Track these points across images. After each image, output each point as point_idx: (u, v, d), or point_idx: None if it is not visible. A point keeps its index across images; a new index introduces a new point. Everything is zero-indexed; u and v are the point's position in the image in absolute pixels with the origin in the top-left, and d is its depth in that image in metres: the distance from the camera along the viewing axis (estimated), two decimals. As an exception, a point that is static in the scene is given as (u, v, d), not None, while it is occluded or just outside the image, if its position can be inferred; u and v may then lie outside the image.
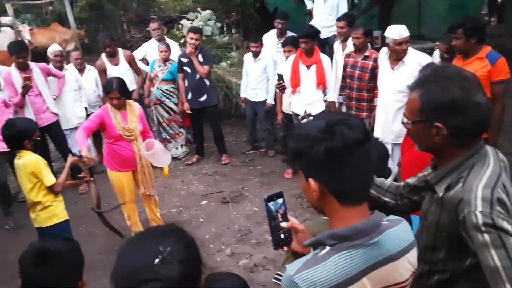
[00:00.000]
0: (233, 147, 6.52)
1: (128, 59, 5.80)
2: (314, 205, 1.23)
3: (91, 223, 4.71)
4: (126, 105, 3.85)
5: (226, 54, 7.59)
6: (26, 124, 3.25)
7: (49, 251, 1.53)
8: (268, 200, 1.39)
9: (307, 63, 4.71)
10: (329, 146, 1.08)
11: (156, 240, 1.06)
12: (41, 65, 5.23)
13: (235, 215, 4.67)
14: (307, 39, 4.62)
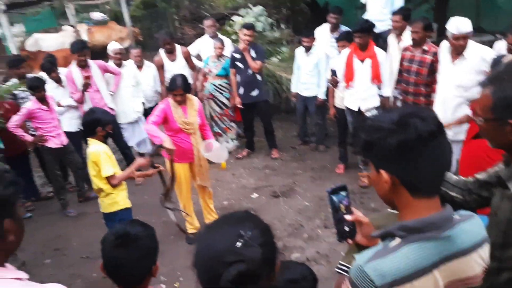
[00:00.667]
0: (283, 142, 6.56)
1: (185, 55, 5.97)
2: (384, 197, 1.23)
3: (146, 213, 4.91)
4: (186, 100, 3.98)
5: (277, 49, 7.62)
6: (102, 114, 3.46)
7: (128, 234, 1.64)
8: (332, 193, 1.42)
9: (361, 57, 4.65)
10: (402, 138, 1.09)
11: (236, 224, 1.11)
12: (99, 63, 5.50)
13: (286, 209, 4.71)
14: (362, 33, 4.55)
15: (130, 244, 1.62)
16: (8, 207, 1.17)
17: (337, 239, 1.46)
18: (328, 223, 4.32)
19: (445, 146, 1.14)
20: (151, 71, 6.12)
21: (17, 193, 1.21)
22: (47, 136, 4.73)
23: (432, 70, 4.29)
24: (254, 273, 1.04)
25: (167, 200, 4.00)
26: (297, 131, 6.62)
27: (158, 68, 5.98)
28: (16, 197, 1.21)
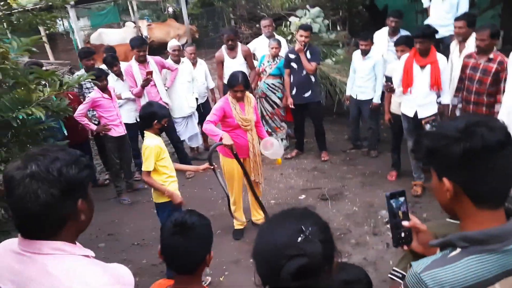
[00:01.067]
0: (333, 145, 6.49)
1: (245, 54, 6.01)
2: (445, 206, 1.22)
3: (195, 206, 5.01)
4: (244, 97, 4.06)
5: (332, 51, 7.55)
6: (159, 108, 3.58)
7: (186, 223, 1.71)
8: (390, 197, 1.41)
9: (421, 63, 4.50)
10: (467, 147, 1.07)
11: (297, 220, 1.13)
12: (156, 59, 5.70)
13: (334, 212, 4.66)
14: (424, 39, 4.39)
15: (187, 232, 1.70)
16: (82, 188, 1.26)
17: (393, 245, 1.45)
18: (377, 230, 4.24)
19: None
20: (203, 68, 6.27)
21: (90, 176, 1.30)
22: (110, 125, 4.98)
23: (497, 79, 4.09)
24: (314, 268, 1.06)
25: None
26: (349, 134, 6.53)
27: (217, 63, 6.07)
28: (89, 180, 1.30)
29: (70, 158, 1.22)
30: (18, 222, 1.21)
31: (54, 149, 1.23)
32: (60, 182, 1.17)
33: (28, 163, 1.17)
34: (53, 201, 1.16)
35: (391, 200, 1.42)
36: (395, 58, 5.40)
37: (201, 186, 5.62)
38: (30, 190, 1.14)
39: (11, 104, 1.94)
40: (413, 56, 4.55)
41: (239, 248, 4.23)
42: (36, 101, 2.12)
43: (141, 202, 5.28)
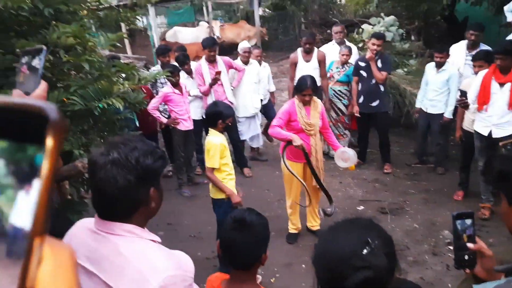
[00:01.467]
0: (398, 157, 6.30)
1: (320, 59, 5.93)
2: None
3: (253, 205, 5.03)
4: (312, 101, 4.06)
5: (404, 61, 7.35)
6: (224, 108, 3.68)
7: (244, 220, 1.76)
8: (456, 218, 1.37)
9: (501, 80, 4.24)
10: None
11: (362, 231, 1.13)
12: (225, 59, 5.87)
13: (393, 227, 4.53)
14: (505, 55, 4.14)
15: (245, 229, 1.74)
16: (155, 177, 1.35)
17: (455, 267, 1.41)
18: (437, 250, 4.07)
19: None
20: (266, 71, 6.36)
21: (163, 166, 1.38)
22: (179, 119, 5.19)
23: None
24: (378, 281, 1.06)
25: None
26: (415, 148, 6.31)
27: (291, 64, 6.07)
28: (162, 170, 1.38)
29: (147, 148, 1.31)
30: (97, 203, 1.33)
31: (134, 139, 1.33)
32: (136, 169, 1.26)
33: (111, 150, 1.27)
34: (129, 186, 1.26)
35: (457, 221, 1.38)
36: (472, 73, 5.15)
37: (259, 187, 5.68)
38: (110, 174, 1.25)
39: (94, 94, 2.09)
40: (493, 73, 4.31)
41: (292, 252, 4.24)
42: (116, 93, 2.26)
43: (200, 196, 5.43)
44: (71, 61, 2.12)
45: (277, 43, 15.85)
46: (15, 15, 2.03)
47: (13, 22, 2.08)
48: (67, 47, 2.17)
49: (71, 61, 2.12)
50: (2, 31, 2.08)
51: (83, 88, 2.10)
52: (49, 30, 2.07)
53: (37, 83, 1.23)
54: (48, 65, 2.05)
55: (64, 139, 0.42)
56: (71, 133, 2.11)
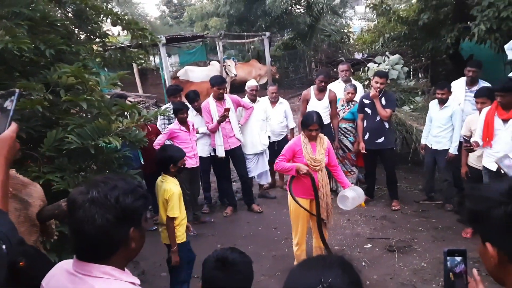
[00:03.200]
0: (406, 194, 6.23)
1: (331, 99, 5.98)
2: (491, 273, 1.15)
3: (260, 244, 5.06)
4: (318, 137, 4.10)
5: (410, 98, 7.39)
6: (174, 151, 3.69)
7: (227, 259, 1.76)
8: (448, 254, 1.34)
9: (503, 116, 4.26)
10: (509, 211, 1.02)
11: (322, 269, 1.11)
12: (233, 97, 5.96)
13: (400, 266, 4.42)
14: (504, 92, 4.18)
15: (228, 268, 1.73)
16: (136, 217, 1.34)
17: None
18: (445, 290, 3.94)
19: None
20: (283, 107, 6.38)
21: (145, 205, 1.38)
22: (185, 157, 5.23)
23: None
24: None
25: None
26: (423, 185, 6.23)
27: (303, 101, 6.13)
28: (144, 209, 1.38)
29: (128, 187, 1.31)
30: (75, 243, 1.31)
31: (115, 178, 1.33)
32: (115, 208, 1.26)
33: (91, 189, 1.28)
34: (108, 226, 1.25)
35: (448, 257, 1.35)
36: (473, 109, 5.18)
37: (266, 225, 5.64)
38: (88, 214, 1.24)
39: (92, 133, 2.16)
40: (495, 109, 4.33)
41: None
42: (114, 131, 2.33)
43: (206, 236, 5.39)
44: (70, 100, 2.20)
45: (287, 81, 16.11)
46: (19, 56, 2.14)
47: (16, 63, 2.19)
48: (68, 86, 2.27)
49: (70, 100, 2.20)
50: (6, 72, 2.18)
51: (80, 126, 2.17)
52: (50, 70, 2.17)
53: (7, 124, 1.26)
54: (48, 105, 2.13)
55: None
56: (68, 172, 2.16)
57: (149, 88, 12.41)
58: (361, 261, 4.56)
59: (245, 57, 17.24)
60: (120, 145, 2.37)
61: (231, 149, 5.80)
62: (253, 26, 16.27)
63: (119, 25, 3.14)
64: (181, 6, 27.50)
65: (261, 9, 15.83)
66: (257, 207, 6.05)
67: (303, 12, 17.06)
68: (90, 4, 2.85)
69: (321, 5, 16.28)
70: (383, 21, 10.93)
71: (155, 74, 12.74)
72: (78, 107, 2.40)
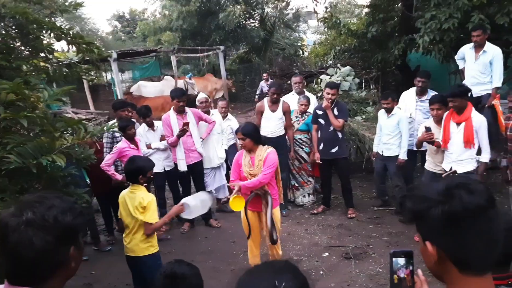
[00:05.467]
0: (361, 202, 6.36)
1: (285, 110, 6.01)
2: (432, 271, 1.18)
3: (218, 259, 4.99)
4: (256, 150, 4.07)
5: (362, 108, 7.61)
6: (143, 162, 3.61)
7: (175, 273, 1.71)
8: (394, 256, 1.35)
9: (456, 120, 4.57)
10: (447, 210, 1.05)
11: (274, 274, 1.11)
12: (195, 111, 5.85)
13: (357, 272, 4.49)
14: (454, 98, 4.49)
15: (178, 284, 1.69)
16: (75, 235, 1.28)
17: None
18: (401, 294, 4.03)
19: (495, 222, 1.07)
20: (231, 123, 6.46)
21: (84, 223, 1.33)
22: None
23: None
24: None
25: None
26: (376, 191, 6.40)
27: (257, 113, 6.14)
28: (82, 227, 1.33)
29: (65, 205, 1.25)
30: (9, 268, 1.22)
31: (50, 196, 1.27)
32: (55, 229, 1.19)
33: (24, 210, 1.20)
34: (48, 248, 1.18)
35: (393, 259, 1.37)
36: (424, 118, 5.41)
37: (225, 239, 5.57)
38: (25, 237, 1.17)
39: (33, 151, 2.06)
40: (451, 114, 4.65)
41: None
42: (58, 149, 2.24)
43: (163, 253, 5.13)
44: (10, 118, 2.10)
45: (244, 94, 16.20)
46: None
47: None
48: (8, 103, 2.16)
49: (10, 118, 2.10)
50: None
51: (21, 145, 2.07)
52: (-12, 87, 2.06)
53: None
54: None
55: None
56: (8, 193, 2.05)
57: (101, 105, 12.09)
58: (319, 269, 4.60)
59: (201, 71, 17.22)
60: (65, 163, 2.27)
61: (193, 164, 5.72)
62: (207, 40, 16.29)
63: (64, 39, 3.05)
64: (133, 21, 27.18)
65: (215, 23, 15.90)
66: (215, 222, 5.98)
67: (257, 26, 17.29)
68: (32, 18, 2.74)
69: (274, 19, 16.59)
70: (334, 34, 11.29)
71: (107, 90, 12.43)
72: (19, 125, 2.29)
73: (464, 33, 6.69)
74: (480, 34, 5.79)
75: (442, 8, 6.55)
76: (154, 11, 23.48)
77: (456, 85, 5.27)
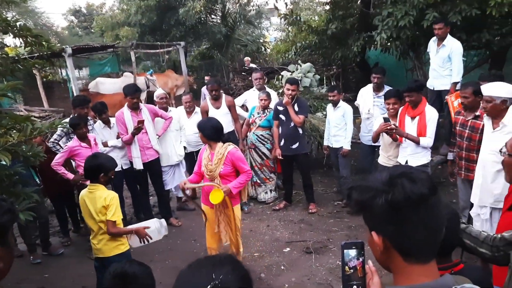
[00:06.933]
0: (322, 197, 6.44)
1: (229, 104, 6.11)
2: (379, 260, 1.19)
3: (178, 258, 4.90)
4: (215, 147, 4.03)
5: (323, 105, 7.69)
6: (105, 161, 3.47)
7: (126, 273, 1.65)
8: (345, 247, 1.36)
9: (411, 114, 4.69)
10: (390, 199, 1.06)
11: (212, 267, 1.10)
12: (150, 107, 5.70)
13: (317, 266, 4.54)
14: (410, 92, 4.61)
15: (129, 283, 1.63)
16: (3, 234, 1.20)
17: None
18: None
19: (438, 210, 1.08)
20: (199, 117, 6.15)
21: (12, 220, 1.24)
22: None
23: (485, 135, 4.13)
24: None
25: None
26: (337, 187, 6.50)
27: (202, 113, 6.13)
28: (10, 224, 1.24)
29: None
30: None
31: None
32: None
33: None
34: None
35: (345, 251, 1.37)
36: (381, 113, 5.52)
37: (185, 238, 5.50)
38: None
39: (-27, 148, 1.94)
40: (406, 108, 4.77)
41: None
42: (3, 146, 2.11)
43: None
44: None
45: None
46: None
47: None
48: None
49: None
50: None
51: (-41, 142, 1.94)
52: None
53: None
54: None
55: None
56: None
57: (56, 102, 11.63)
58: (280, 265, 4.62)
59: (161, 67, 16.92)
60: (10, 161, 2.14)
61: (149, 162, 5.58)
62: (167, 36, 15.98)
63: (10, 32, 2.88)
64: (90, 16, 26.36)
65: (175, 19, 15.63)
66: (175, 221, 5.88)
67: (218, 22, 17.16)
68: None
69: (235, 15, 16.51)
70: (295, 31, 11.37)
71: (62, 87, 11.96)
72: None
73: (419, 31, 6.88)
74: (442, 27, 5.90)
75: (398, 6, 6.70)
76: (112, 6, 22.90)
77: (413, 80, 5.41)
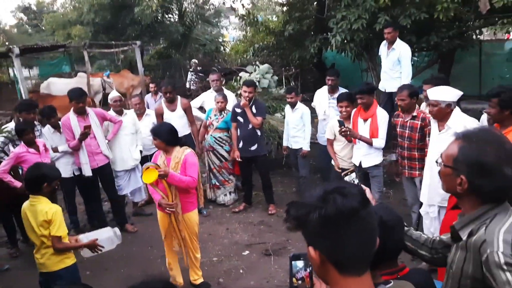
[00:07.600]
0: (282, 197, 6.44)
1: (185, 107, 6.00)
2: (317, 273, 1.21)
3: (134, 266, 4.76)
4: (172, 151, 3.93)
5: (281, 105, 7.71)
6: (49, 170, 3.33)
7: None
8: (293, 259, 1.36)
9: (363, 116, 4.79)
10: (322, 214, 1.09)
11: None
12: (97, 111, 5.52)
13: (276, 268, 4.54)
14: (362, 94, 4.73)
15: None
16: None
17: None
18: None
19: (369, 223, 1.13)
20: (150, 120, 6.07)
21: None
22: None
23: (424, 134, 4.33)
24: None
25: None
26: (297, 187, 6.54)
27: (157, 116, 5.99)
28: None
29: None
30: None
31: None
32: None
33: None
34: None
35: (292, 262, 1.37)
36: (336, 114, 5.61)
37: (141, 245, 5.35)
38: None
39: None
40: (358, 110, 4.87)
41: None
42: None
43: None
44: None
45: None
46: None
47: None
48: None
49: None
50: None
51: None
52: None
53: None
54: None
55: None
56: None
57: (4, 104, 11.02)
58: (239, 269, 4.60)
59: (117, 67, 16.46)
60: None
61: (99, 167, 5.36)
62: (122, 35, 15.54)
63: None
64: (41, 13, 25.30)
65: (130, 17, 15.23)
66: (131, 227, 5.72)
67: (175, 21, 16.89)
68: None
69: (192, 14, 16.30)
70: (253, 31, 11.37)
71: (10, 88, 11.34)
72: None
73: (372, 33, 7.05)
74: (391, 32, 6.13)
75: (352, 9, 6.84)
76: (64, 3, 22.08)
77: (364, 82, 5.57)
